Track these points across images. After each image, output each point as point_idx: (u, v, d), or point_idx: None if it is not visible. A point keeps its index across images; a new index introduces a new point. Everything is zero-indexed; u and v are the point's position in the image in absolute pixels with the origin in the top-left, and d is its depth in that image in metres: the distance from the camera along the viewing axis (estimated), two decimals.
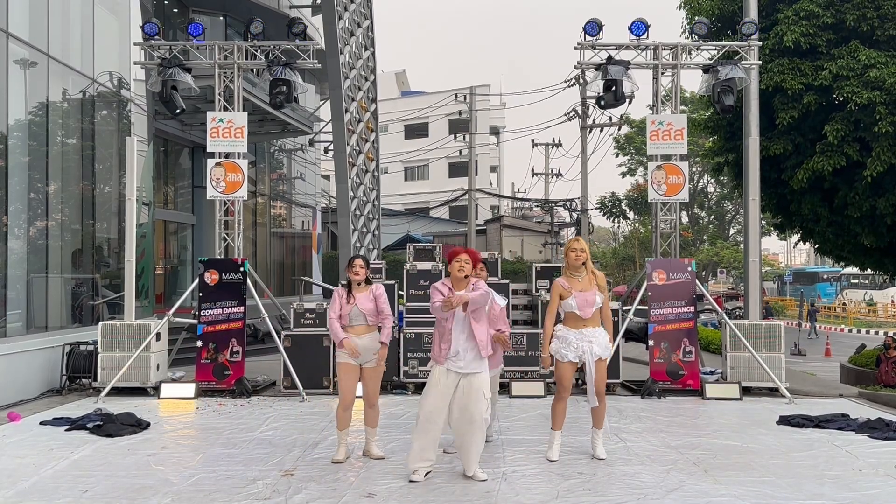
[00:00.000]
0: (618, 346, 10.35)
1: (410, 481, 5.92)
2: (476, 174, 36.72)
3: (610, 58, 11.19)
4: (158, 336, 10.56)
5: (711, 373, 11.26)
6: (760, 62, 12.04)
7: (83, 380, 10.68)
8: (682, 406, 9.48)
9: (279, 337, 10.51)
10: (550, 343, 6.62)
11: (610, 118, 31.45)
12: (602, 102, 11.61)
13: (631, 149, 46.37)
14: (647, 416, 8.78)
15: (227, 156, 11.26)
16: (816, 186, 14.27)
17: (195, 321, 10.82)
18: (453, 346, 5.96)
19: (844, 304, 42.32)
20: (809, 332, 32.74)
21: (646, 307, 10.70)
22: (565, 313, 6.58)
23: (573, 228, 39.99)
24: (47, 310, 11.61)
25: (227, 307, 10.53)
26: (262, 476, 6.14)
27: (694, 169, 44.60)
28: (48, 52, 11.69)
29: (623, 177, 49.07)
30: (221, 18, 22.42)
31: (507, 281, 11.44)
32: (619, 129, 34.53)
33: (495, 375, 6.93)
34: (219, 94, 11.43)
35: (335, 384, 10.37)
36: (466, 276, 6.03)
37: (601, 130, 32.50)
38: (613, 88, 11.10)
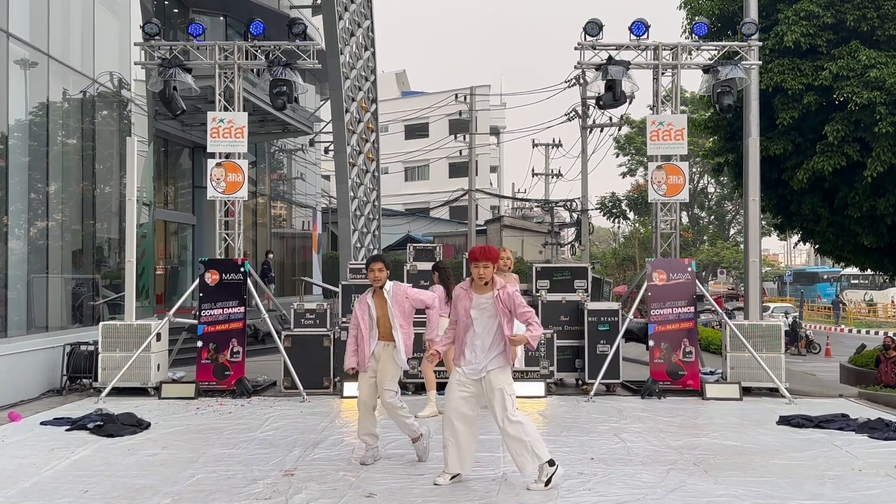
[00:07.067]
0: (618, 346, 10.39)
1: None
2: (476, 174, 36.68)
3: (610, 58, 11.19)
4: (159, 336, 10.56)
5: (711, 373, 11.26)
6: (760, 62, 12.03)
7: (84, 380, 10.67)
8: (682, 406, 9.49)
9: (279, 337, 10.52)
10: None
11: (610, 118, 31.44)
12: (601, 103, 11.65)
13: (631, 149, 46.40)
14: (648, 416, 8.78)
15: (228, 156, 11.26)
16: (816, 186, 14.27)
17: (195, 321, 10.82)
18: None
19: (843, 304, 42.26)
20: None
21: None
22: None
23: (574, 228, 39.97)
24: (48, 310, 11.62)
25: (228, 307, 10.53)
26: (262, 476, 6.14)
27: (694, 169, 44.61)
28: (48, 52, 11.69)
29: (623, 177, 49.17)
30: (221, 18, 22.45)
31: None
32: (619, 130, 34.52)
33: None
34: (219, 95, 11.43)
35: (335, 384, 10.39)
36: (486, 283, 5.86)
37: (601, 130, 32.49)
38: (612, 88, 11.11)
